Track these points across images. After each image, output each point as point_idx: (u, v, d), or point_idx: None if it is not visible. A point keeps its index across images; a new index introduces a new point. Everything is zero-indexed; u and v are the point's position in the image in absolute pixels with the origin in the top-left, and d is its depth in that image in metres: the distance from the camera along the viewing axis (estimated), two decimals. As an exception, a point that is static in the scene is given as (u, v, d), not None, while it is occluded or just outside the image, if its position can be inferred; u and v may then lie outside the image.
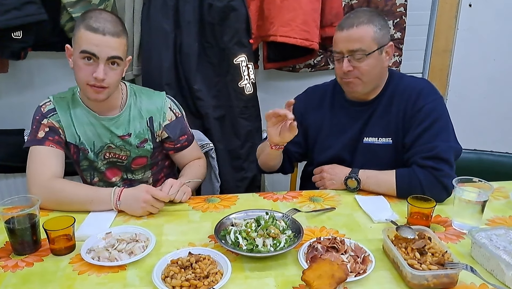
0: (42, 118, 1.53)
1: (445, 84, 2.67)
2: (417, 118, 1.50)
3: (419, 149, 1.48)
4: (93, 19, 1.39)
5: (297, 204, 1.48)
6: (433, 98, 1.52)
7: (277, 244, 1.17)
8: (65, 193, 1.42)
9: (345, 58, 1.49)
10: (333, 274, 0.99)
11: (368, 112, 1.59)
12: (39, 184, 1.43)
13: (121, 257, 1.15)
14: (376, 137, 1.58)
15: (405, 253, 1.10)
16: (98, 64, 1.41)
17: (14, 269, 1.13)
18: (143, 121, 1.61)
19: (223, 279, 1.04)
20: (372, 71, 1.50)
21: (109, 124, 1.57)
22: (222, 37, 2.05)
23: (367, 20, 1.46)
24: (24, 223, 1.19)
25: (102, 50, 1.39)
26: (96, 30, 1.38)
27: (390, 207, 1.43)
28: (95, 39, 1.38)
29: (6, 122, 2.37)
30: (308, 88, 1.80)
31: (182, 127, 1.68)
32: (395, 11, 2.37)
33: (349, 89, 1.56)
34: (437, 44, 2.58)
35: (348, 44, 1.47)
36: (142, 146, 1.63)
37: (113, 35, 1.40)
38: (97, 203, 1.41)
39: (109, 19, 1.41)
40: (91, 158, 1.61)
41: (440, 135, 1.47)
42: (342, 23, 1.49)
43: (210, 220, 1.36)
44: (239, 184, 2.26)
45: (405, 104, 1.54)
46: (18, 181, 2.39)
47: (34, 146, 1.50)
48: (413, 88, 1.55)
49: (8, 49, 1.98)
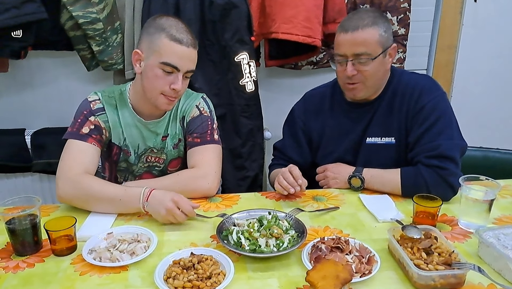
0: (90, 115, 1.50)
1: (449, 80, 2.64)
2: (420, 116, 1.48)
3: (423, 148, 1.46)
4: (175, 29, 1.39)
5: (300, 204, 1.47)
6: (435, 96, 1.49)
7: (280, 244, 1.16)
8: (94, 189, 1.38)
9: (349, 62, 1.46)
10: (338, 275, 0.97)
11: (370, 113, 1.57)
12: (68, 177, 1.39)
13: (123, 257, 1.14)
14: (378, 137, 1.56)
15: (411, 253, 1.09)
16: (177, 76, 1.41)
17: (15, 270, 1.12)
18: (178, 122, 1.60)
19: (226, 280, 1.03)
20: (376, 75, 1.48)
21: (154, 128, 1.57)
22: (223, 34, 2.03)
23: (371, 22, 1.43)
24: (25, 224, 1.18)
25: (184, 63, 1.40)
26: (181, 42, 1.38)
27: (395, 206, 1.41)
28: (179, 52, 1.38)
29: (6, 122, 2.36)
30: (306, 93, 1.77)
31: (201, 124, 1.57)
32: (399, 7, 2.35)
33: (351, 95, 1.54)
34: (441, 40, 2.56)
35: (353, 47, 1.44)
36: (177, 146, 1.62)
37: (194, 47, 1.43)
38: (126, 202, 1.36)
39: (187, 30, 1.42)
40: (131, 161, 1.60)
41: (444, 133, 1.45)
42: (346, 25, 1.45)
43: (212, 219, 1.34)
44: (240, 183, 2.25)
45: (407, 103, 1.51)
46: (18, 181, 2.38)
47: (74, 140, 1.46)
48: (414, 86, 1.52)
49: (8, 48, 1.97)
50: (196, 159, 1.54)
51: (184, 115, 1.60)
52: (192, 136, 1.57)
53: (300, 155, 1.70)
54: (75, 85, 2.34)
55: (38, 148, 2.27)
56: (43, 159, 2.27)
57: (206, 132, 1.57)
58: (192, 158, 1.56)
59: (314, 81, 1.84)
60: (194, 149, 1.56)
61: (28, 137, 2.28)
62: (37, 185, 2.39)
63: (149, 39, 1.42)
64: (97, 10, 1.96)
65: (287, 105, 1.81)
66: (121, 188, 1.41)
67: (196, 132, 1.57)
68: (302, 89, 1.81)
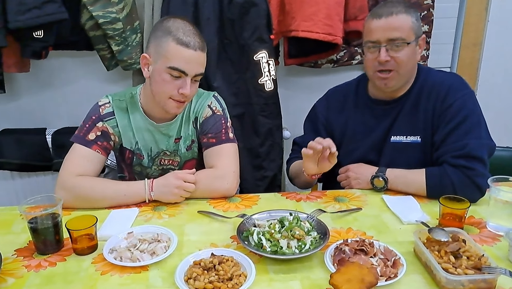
0: (98, 121, 1.51)
1: (474, 79, 2.57)
2: (447, 115, 1.44)
3: (449, 148, 1.42)
4: (182, 32, 1.37)
5: (322, 204, 1.44)
6: (463, 94, 1.45)
7: (302, 245, 1.13)
8: (97, 189, 1.43)
9: (382, 48, 1.42)
10: (363, 278, 0.95)
11: (395, 110, 1.54)
12: (66, 180, 1.43)
13: (143, 257, 1.13)
14: (404, 136, 1.52)
15: (439, 257, 1.05)
16: (185, 80, 1.40)
17: (37, 269, 1.12)
18: (191, 123, 1.58)
19: (247, 282, 1.01)
20: (409, 62, 1.45)
21: (166, 130, 1.56)
22: (242, 33, 2.02)
23: (404, 9, 1.41)
24: (47, 223, 1.18)
25: (192, 67, 1.39)
26: (187, 45, 1.36)
27: (420, 208, 1.37)
28: (187, 55, 1.37)
29: (28, 122, 2.39)
30: (329, 90, 1.75)
31: (215, 124, 1.55)
32: (422, 4, 2.30)
33: (382, 84, 1.48)
34: (466, 37, 2.49)
35: (387, 32, 1.41)
36: (190, 148, 1.61)
37: (202, 49, 1.40)
38: (130, 196, 1.43)
39: (195, 32, 1.40)
40: (145, 164, 1.61)
41: (472, 132, 1.41)
42: (379, 11, 1.43)
43: (232, 220, 1.33)
44: (259, 183, 2.23)
45: (434, 101, 1.48)
46: (40, 179, 2.41)
47: (79, 145, 1.49)
48: (442, 84, 1.49)
49: (29, 48, 2.00)
50: (213, 159, 1.53)
51: (197, 116, 1.58)
52: (207, 137, 1.55)
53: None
54: (95, 84, 2.36)
55: (58, 147, 2.29)
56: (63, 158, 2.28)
57: (221, 131, 1.55)
58: (209, 158, 1.54)
59: (334, 79, 1.81)
60: (210, 149, 1.54)
61: (49, 136, 2.30)
62: (58, 183, 2.42)
63: (156, 43, 1.40)
64: (116, 10, 1.97)
65: (306, 104, 1.79)
66: (123, 184, 1.49)
67: (211, 133, 1.55)
68: (321, 88, 1.78)
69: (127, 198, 1.43)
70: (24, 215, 1.21)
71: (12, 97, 2.35)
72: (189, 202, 1.47)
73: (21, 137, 2.30)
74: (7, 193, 2.43)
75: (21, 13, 1.82)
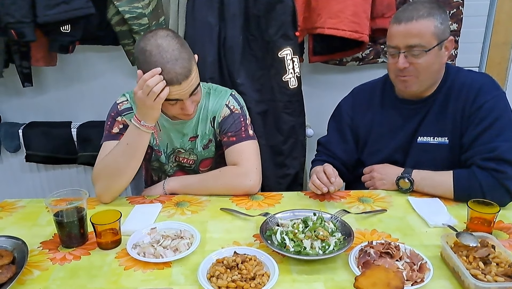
0: (117, 116, 1.53)
1: (504, 78, 2.50)
2: (477, 116, 1.40)
3: (478, 149, 1.38)
4: (164, 72, 1.29)
5: (346, 205, 1.42)
6: (494, 95, 1.41)
7: (326, 246, 1.12)
8: (109, 156, 1.42)
9: (401, 54, 1.39)
10: (389, 282, 0.93)
11: (423, 110, 1.50)
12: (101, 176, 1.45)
13: (166, 253, 1.14)
14: (431, 137, 1.49)
15: (467, 262, 1.02)
16: (184, 102, 1.38)
17: (62, 262, 1.14)
18: (208, 122, 1.58)
19: (270, 282, 1.01)
20: (430, 68, 1.41)
21: (181, 128, 1.56)
22: (267, 29, 2.00)
23: (427, 13, 1.36)
24: (72, 216, 1.19)
25: (184, 94, 1.36)
26: (172, 83, 1.31)
27: (447, 211, 1.34)
28: (174, 91, 1.33)
29: (54, 115, 2.43)
30: (355, 88, 1.72)
31: (234, 123, 1.55)
32: (452, 2, 2.24)
33: (403, 88, 1.47)
34: (496, 36, 2.42)
35: (406, 39, 1.38)
36: (207, 147, 1.61)
37: (186, 76, 1.32)
38: (131, 139, 1.39)
39: (176, 56, 1.30)
40: (162, 161, 1.62)
41: (503, 134, 1.37)
42: (400, 16, 1.39)
43: (255, 218, 1.32)
44: (280, 181, 2.22)
45: (463, 101, 1.44)
46: (65, 172, 2.46)
47: (107, 141, 1.51)
48: (472, 84, 1.44)
49: (57, 42, 2.02)
50: (235, 157, 1.53)
51: (215, 116, 1.57)
52: (227, 136, 1.55)
53: (344, 151, 1.65)
54: (120, 79, 2.38)
55: (83, 140, 2.33)
56: (88, 152, 2.32)
57: (240, 129, 1.55)
58: (231, 157, 1.54)
59: (359, 78, 1.78)
60: (232, 147, 1.54)
61: (74, 130, 2.34)
62: (82, 176, 2.46)
63: (144, 69, 1.34)
64: (142, 5, 1.97)
65: (330, 102, 1.77)
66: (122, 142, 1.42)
67: (230, 131, 1.55)
68: (346, 86, 1.76)
69: (130, 145, 1.39)
70: (50, 208, 1.23)
71: (39, 91, 2.39)
72: (211, 199, 1.47)
73: (48, 130, 2.34)
74: (33, 185, 2.49)
75: (49, 8, 1.84)
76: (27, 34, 1.87)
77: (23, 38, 1.88)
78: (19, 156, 2.41)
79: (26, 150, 2.34)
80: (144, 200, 1.48)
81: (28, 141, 2.33)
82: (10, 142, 2.36)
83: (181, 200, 1.47)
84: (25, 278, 1.07)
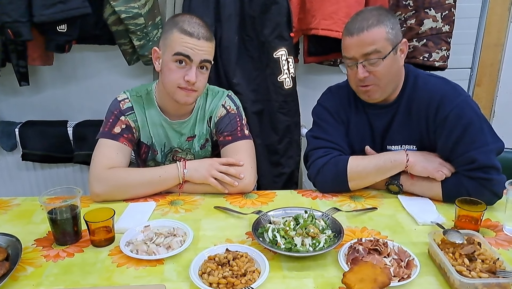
0: (120, 115, 1.54)
1: (495, 80, 2.53)
2: (446, 128, 1.38)
3: (458, 161, 1.38)
4: (187, 23, 1.41)
5: (337, 203, 1.44)
6: (457, 103, 1.37)
7: (317, 243, 1.14)
8: (133, 175, 1.46)
9: (359, 64, 1.38)
10: (375, 278, 0.95)
11: (389, 115, 1.48)
12: (99, 173, 1.44)
13: (159, 251, 1.15)
14: (399, 145, 1.49)
15: (453, 259, 1.05)
16: (191, 67, 1.43)
17: (55, 259, 1.15)
18: (205, 122, 1.61)
19: (260, 278, 1.02)
20: (389, 74, 1.39)
21: (179, 128, 1.59)
22: (262, 30, 2.02)
23: (376, 21, 1.35)
24: (66, 214, 1.21)
25: (196, 53, 1.41)
26: (191, 34, 1.40)
27: (436, 209, 1.36)
28: (191, 42, 1.40)
29: (50, 114, 2.44)
30: (332, 88, 1.66)
31: (230, 123, 1.58)
32: (444, 3, 2.25)
33: (366, 97, 1.45)
34: (487, 38, 2.44)
35: (361, 49, 1.36)
36: (204, 147, 1.64)
37: (206, 39, 1.43)
38: (166, 177, 1.47)
39: (201, 24, 1.44)
40: (158, 160, 1.64)
41: (477, 141, 1.34)
42: (350, 28, 1.38)
43: (248, 216, 1.34)
44: (276, 180, 2.23)
45: (425, 110, 1.41)
46: (60, 171, 2.47)
47: (105, 139, 1.51)
48: (432, 93, 1.40)
49: (53, 42, 2.04)
50: (230, 156, 1.55)
51: (211, 116, 1.60)
52: (223, 136, 1.58)
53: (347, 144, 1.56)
54: (116, 79, 2.39)
55: (79, 139, 2.34)
56: (84, 150, 2.33)
57: (236, 129, 1.58)
58: (226, 155, 1.57)
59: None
60: (227, 146, 1.57)
61: (70, 129, 2.34)
62: (78, 175, 2.47)
63: (164, 36, 1.45)
64: (138, 5, 1.99)
65: (325, 102, 1.77)
66: (157, 168, 1.50)
67: (226, 131, 1.58)
68: (340, 87, 1.77)
69: (161, 179, 1.47)
70: (44, 206, 1.24)
71: (35, 90, 2.40)
72: (205, 197, 1.49)
73: (44, 129, 2.36)
74: (30, 184, 2.50)
75: (46, 7, 1.86)
76: (24, 34, 1.88)
77: (20, 38, 1.89)
78: (15, 154, 2.42)
79: (22, 148, 2.35)
80: (138, 199, 1.49)
81: (25, 140, 2.34)
82: (7, 141, 2.37)
83: (175, 198, 1.49)
84: (18, 275, 1.08)
